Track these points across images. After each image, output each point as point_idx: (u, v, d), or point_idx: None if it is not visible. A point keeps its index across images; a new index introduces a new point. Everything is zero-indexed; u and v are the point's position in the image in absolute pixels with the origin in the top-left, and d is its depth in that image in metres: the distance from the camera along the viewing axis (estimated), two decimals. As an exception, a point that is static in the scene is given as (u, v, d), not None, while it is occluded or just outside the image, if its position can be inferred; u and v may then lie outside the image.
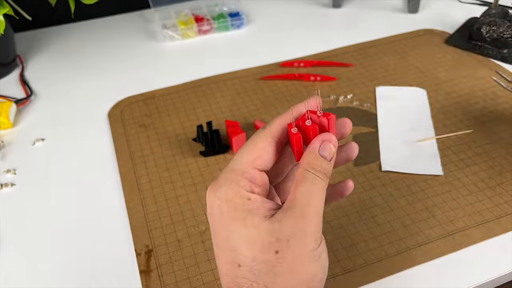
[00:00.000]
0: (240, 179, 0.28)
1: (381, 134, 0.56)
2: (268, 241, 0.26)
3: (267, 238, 0.26)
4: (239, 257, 0.27)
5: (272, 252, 0.26)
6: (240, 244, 0.27)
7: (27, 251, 0.45)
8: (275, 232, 0.26)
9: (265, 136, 0.29)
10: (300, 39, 0.76)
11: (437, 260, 0.42)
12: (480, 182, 0.49)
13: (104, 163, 0.54)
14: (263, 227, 0.26)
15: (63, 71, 0.72)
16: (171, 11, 0.80)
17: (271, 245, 0.26)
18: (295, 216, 0.27)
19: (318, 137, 0.29)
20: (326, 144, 0.29)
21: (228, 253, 0.27)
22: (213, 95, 0.64)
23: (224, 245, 0.28)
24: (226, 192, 0.28)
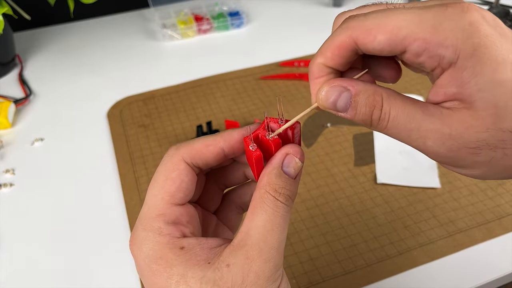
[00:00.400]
0: (161, 226, 0.22)
1: (377, 144, 0.54)
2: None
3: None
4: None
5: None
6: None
7: (26, 251, 0.45)
8: (224, 282, 0.21)
9: (178, 161, 0.24)
10: (300, 39, 0.76)
11: (438, 261, 0.42)
12: (481, 183, 0.49)
13: (103, 163, 0.54)
14: (207, 279, 0.21)
15: (62, 70, 0.71)
16: (171, 10, 0.80)
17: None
18: (249, 258, 0.21)
19: (280, 150, 0.23)
20: (291, 158, 0.23)
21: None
22: (213, 95, 0.64)
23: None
24: (152, 248, 0.22)
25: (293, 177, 0.23)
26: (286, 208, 0.22)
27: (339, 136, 0.56)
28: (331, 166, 0.51)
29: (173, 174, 0.23)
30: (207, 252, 0.22)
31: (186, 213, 0.24)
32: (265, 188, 0.22)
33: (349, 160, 0.52)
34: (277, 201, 0.22)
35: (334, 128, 0.57)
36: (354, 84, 0.22)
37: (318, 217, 0.46)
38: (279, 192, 0.22)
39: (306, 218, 0.46)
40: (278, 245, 0.22)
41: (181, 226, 0.23)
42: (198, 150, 0.24)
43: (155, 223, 0.23)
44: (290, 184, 0.23)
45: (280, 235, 0.22)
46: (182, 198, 0.23)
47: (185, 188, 0.23)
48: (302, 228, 0.45)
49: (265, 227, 0.22)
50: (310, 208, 0.47)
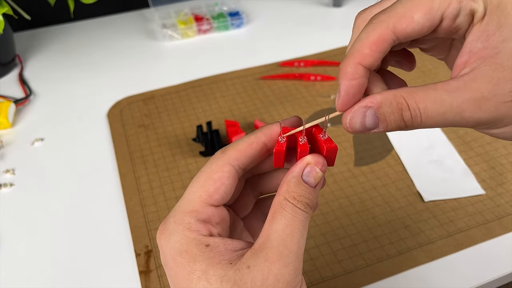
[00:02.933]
0: (192, 222, 0.23)
1: (405, 160, 0.52)
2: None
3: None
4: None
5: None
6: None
7: (26, 251, 0.45)
8: (244, 282, 0.21)
9: (223, 163, 0.24)
10: (300, 39, 0.76)
11: (438, 261, 0.42)
12: (481, 182, 0.49)
13: (103, 163, 0.54)
14: (228, 278, 0.22)
15: (62, 70, 0.71)
16: (171, 10, 0.80)
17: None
18: (269, 260, 0.22)
19: (302, 159, 0.24)
20: (312, 168, 0.23)
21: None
22: (213, 95, 0.64)
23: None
24: (179, 241, 0.23)
25: (313, 186, 0.23)
26: (305, 215, 0.23)
27: (339, 136, 0.56)
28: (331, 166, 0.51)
29: (216, 175, 0.24)
30: (230, 253, 0.23)
31: (218, 215, 0.24)
32: (284, 195, 0.23)
33: (349, 160, 0.52)
34: (295, 207, 0.23)
35: (334, 128, 0.57)
36: (373, 98, 0.22)
37: (318, 217, 0.46)
38: (297, 200, 0.23)
39: (306, 218, 0.46)
40: (297, 249, 0.22)
41: (210, 225, 0.24)
42: (243, 150, 0.24)
43: (187, 217, 0.23)
44: (309, 193, 0.23)
45: (299, 239, 0.22)
46: (218, 200, 0.24)
47: (223, 191, 0.24)
48: (302, 228, 0.45)
49: (285, 231, 0.22)
50: (310, 208, 0.47)
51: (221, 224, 0.25)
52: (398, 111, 0.22)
